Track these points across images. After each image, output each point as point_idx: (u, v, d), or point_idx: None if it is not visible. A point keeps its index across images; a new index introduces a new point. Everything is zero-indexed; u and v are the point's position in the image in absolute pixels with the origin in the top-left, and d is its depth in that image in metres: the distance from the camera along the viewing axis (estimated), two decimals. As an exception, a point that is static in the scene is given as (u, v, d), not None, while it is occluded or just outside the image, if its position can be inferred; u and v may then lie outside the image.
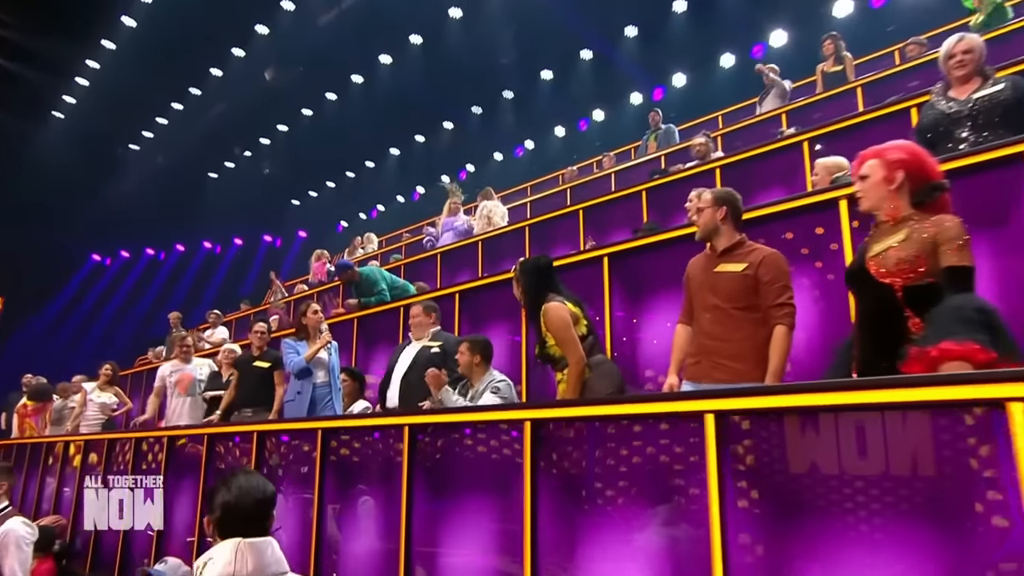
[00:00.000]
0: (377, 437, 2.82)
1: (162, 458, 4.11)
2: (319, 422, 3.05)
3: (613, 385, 2.72)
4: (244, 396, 4.57)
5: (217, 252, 19.31)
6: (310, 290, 9.12)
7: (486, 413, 2.20)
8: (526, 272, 2.82)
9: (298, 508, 3.23)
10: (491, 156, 16.69)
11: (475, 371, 3.37)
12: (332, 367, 4.16)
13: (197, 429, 4.32)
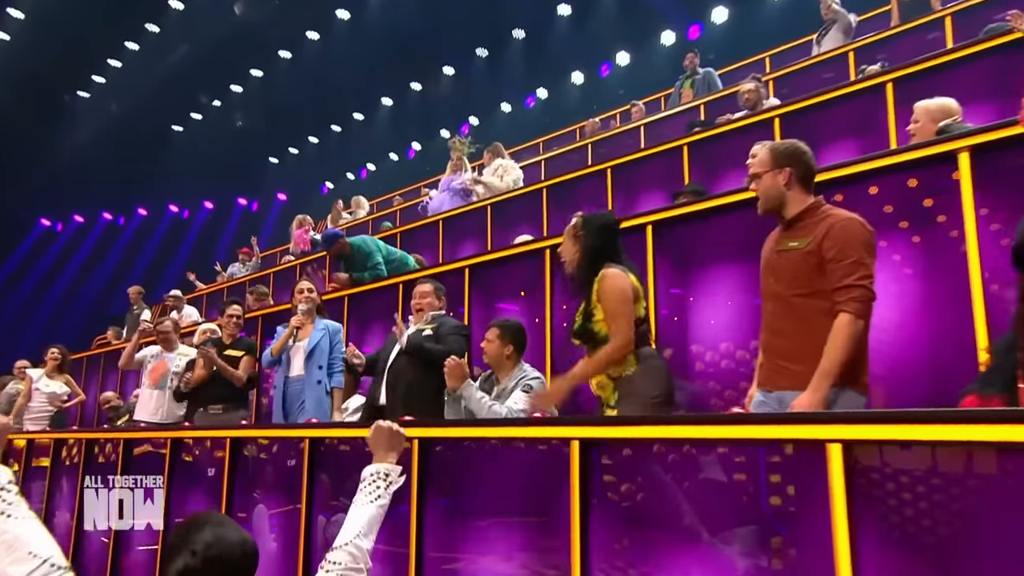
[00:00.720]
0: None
1: (117, 461, 4.00)
2: (306, 430, 2.86)
3: (661, 387, 2.53)
4: (214, 390, 4.42)
5: (185, 217, 19.20)
6: (295, 261, 8.98)
7: (519, 428, 2.00)
8: (591, 228, 2.60)
9: (280, 524, 3.11)
10: (498, 107, 16.40)
11: (504, 364, 3.19)
12: (316, 356, 3.94)
13: (160, 432, 4.19)
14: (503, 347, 3.18)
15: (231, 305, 4.63)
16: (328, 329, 4.09)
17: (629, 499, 1.80)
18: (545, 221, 6.45)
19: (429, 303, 3.66)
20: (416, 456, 2.32)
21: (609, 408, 2.54)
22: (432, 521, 2.27)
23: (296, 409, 3.88)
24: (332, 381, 3.97)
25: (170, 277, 17.04)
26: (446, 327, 3.59)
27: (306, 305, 4.04)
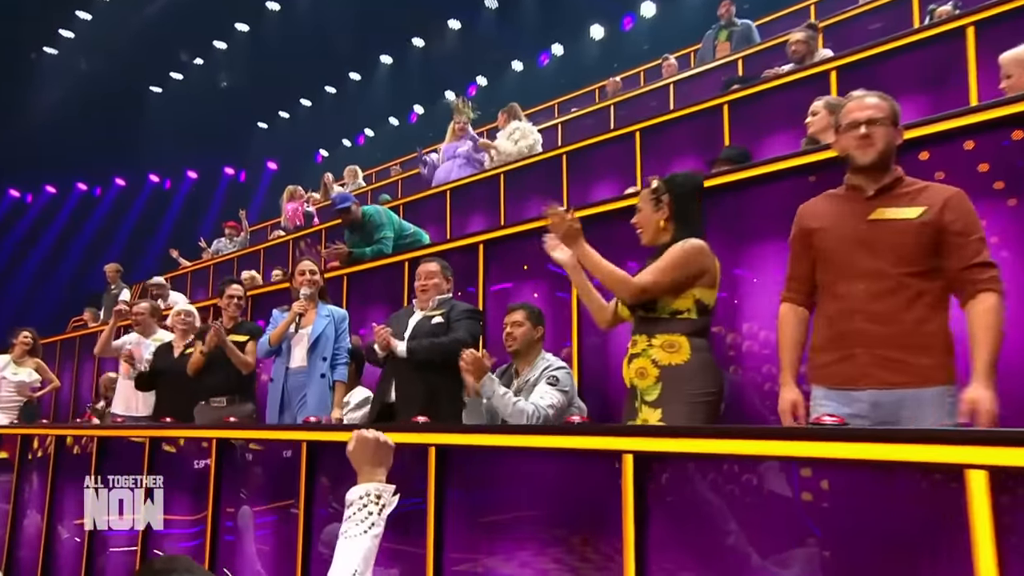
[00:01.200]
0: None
1: (91, 459, 3.90)
2: (304, 432, 2.71)
3: (714, 383, 2.39)
4: (215, 382, 4.28)
5: (167, 188, 19.19)
6: (286, 236, 8.90)
7: (562, 436, 1.83)
8: (680, 192, 2.46)
9: (271, 530, 3.00)
10: (509, 66, 16.19)
11: (532, 351, 3.09)
12: (320, 347, 3.80)
13: (139, 430, 4.07)
14: (534, 329, 3.07)
15: (230, 284, 4.48)
16: (333, 316, 3.96)
17: (694, 524, 1.62)
18: (565, 191, 6.32)
19: (436, 285, 3.54)
20: (433, 466, 2.17)
21: (647, 405, 2.38)
22: (453, 543, 2.11)
23: (296, 403, 3.77)
24: (336, 374, 3.86)
25: (151, 253, 17.02)
26: (457, 312, 3.45)
27: (309, 289, 3.89)
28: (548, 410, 2.80)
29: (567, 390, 2.91)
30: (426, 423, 2.28)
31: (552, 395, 2.85)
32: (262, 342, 3.89)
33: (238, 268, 9.03)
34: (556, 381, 2.91)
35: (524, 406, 2.78)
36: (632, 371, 2.45)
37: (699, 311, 2.44)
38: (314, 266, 4.01)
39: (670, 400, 2.34)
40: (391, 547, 2.35)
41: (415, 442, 2.23)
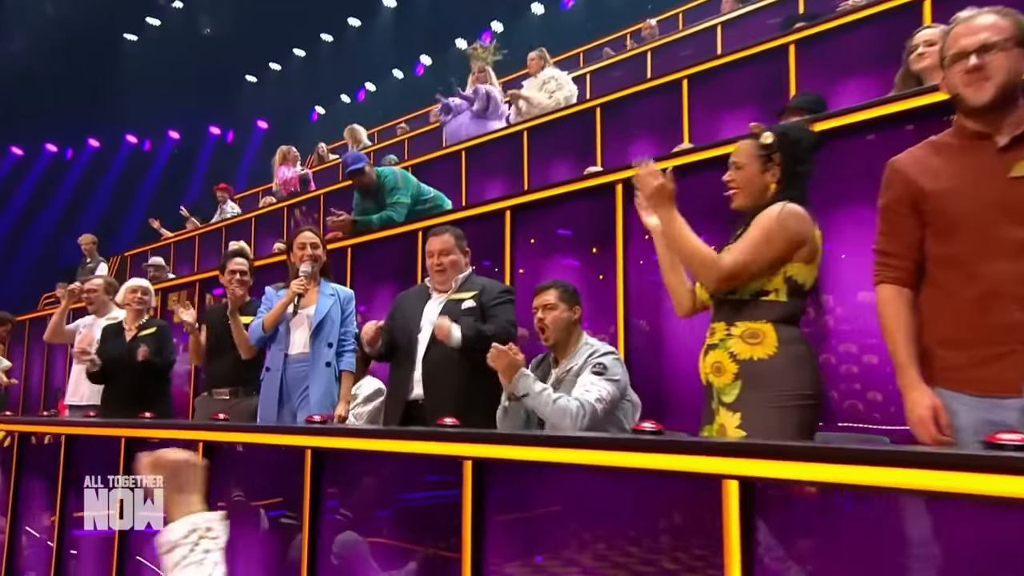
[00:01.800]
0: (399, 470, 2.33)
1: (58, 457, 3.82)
2: (309, 437, 2.52)
3: (809, 383, 2.15)
4: (220, 370, 4.15)
5: (146, 149, 19.14)
6: (278, 203, 8.84)
7: (637, 453, 1.61)
8: (795, 147, 2.25)
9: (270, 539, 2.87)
10: (528, 9, 15.94)
11: (571, 336, 2.88)
12: (325, 331, 3.63)
13: (49, 426, 3.99)
14: (570, 311, 2.86)
15: (233, 258, 4.26)
16: (338, 296, 3.76)
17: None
18: (599, 150, 6.15)
19: (453, 262, 3.33)
20: (470, 484, 1.96)
21: (724, 407, 2.17)
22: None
23: (297, 397, 3.60)
24: (343, 363, 3.67)
25: (130, 223, 17.00)
26: (491, 293, 3.25)
27: (311, 265, 3.69)
28: (596, 405, 2.59)
29: (617, 379, 2.70)
30: (462, 431, 2.06)
31: (600, 386, 2.64)
32: (254, 327, 3.70)
33: (226, 239, 8.94)
34: (603, 369, 2.69)
35: (566, 403, 2.57)
36: (708, 366, 2.23)
37: (790, 292, 2.20)
38: (316, 238, 3.81)
39: (751, 402, 2.12)
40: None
41: (446, 453, 2.02)
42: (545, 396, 2.60)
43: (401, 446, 2.19)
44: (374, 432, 2.39)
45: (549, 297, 2.87)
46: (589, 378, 2.67)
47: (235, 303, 3.91)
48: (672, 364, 3.48)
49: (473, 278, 3.37)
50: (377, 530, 2.45)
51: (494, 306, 3.18)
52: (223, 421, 3.20)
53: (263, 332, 3.64)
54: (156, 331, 4.53)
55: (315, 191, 8.73)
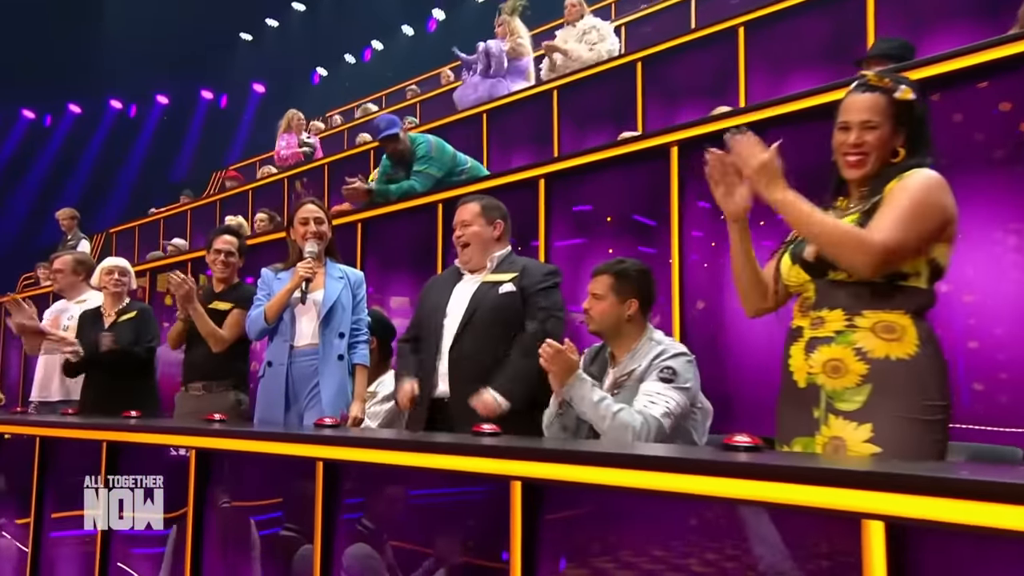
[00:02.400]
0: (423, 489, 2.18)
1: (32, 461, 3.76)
2: (322, 448, 2.38)
3: (946, 389, 1.93)
4: (192, 362, 4.03)
5: (132, 115, 19.08)
6: (279, 174, 8.84)
7: (739, 480, 1.40)
8: (922, 103, 2.07)
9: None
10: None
11: (624, 332, 2.67)
12: (336, 319, 3.49)
13: (23, 427, 3.93)
14: (621, 305, 2.66)
15: (220, 235, 4.13)
16: (348, 278, 3.60)
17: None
18: (640, 112, 6.00)
19: (475, 234, 3.16)
20: (519, 509, 1.78)
21: (841, 417, 1.89)
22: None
23: (306, 396, 3.45)
24: (356, 355, 3.52)
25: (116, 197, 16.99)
26: (534, 276, 3.07)
27: (316, 244, 3.52)
28: (663, 421, 2.40)
29: (688, 386, 2.50)
30: (510, 445, 1.87)
31: (667, 397, 2.45)
32: (254, 317, 3.54)
33: (221, 214, 8.94)
34: (673, 375, 2.49)
35: (628, 418, 2.38)
36: (817, 363, 1.96)
37: (931, 277, 1.97)
38: (320, 211, 3.64)
39: (883, 413, 1.86)
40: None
41: (490, 472, 1.83)
42: (604, 407, 2.42)
43: (432, 461, 2.01)
44: (400, 443, 2.20)
45: (599, 286, 2.68)
46: (655, 386, 2.48)
47: (186, 295, 3.77)
48: (737, 359, 3.34)
49: (514, 257, 3.21)
50: (398, 538, 2.36)
51: (537, 292, 3.01)
52: (219, 424, 3.05)
53: (265, 324, 3.47)
54: (136, 315, 4.43)
55: (320, 159, 8.61)
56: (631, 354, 2.63)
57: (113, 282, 4.50)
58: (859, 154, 2.03)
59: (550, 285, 3.04)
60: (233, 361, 3.99)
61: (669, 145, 3.58)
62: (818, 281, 2.01)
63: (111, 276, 4.52)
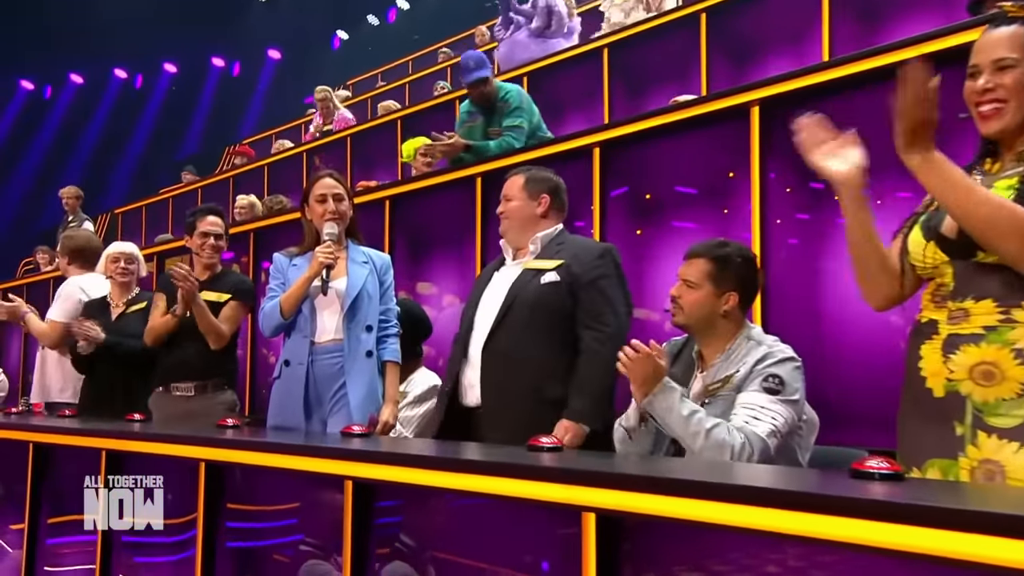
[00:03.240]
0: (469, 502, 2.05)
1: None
2: (351, 463, 2.26)
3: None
4: (181, 360, 3.97)
5: (138, 86, 19.20)
6: (295, 148, 9.02)
7: (893, 524, 1.23)
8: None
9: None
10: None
11: (719, 329, 2.49)
12: (362, 310, 3.38)
13: (14, 431, 3.92)
14: (718, 297, 2.47)
15: (205, 216, 4.05)
16: (373, 263, 3.47)
17: None
18: (704, 72, 5.93)
19: (516, 209, 3.06)
20: (593, 546, 1.63)
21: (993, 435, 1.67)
22: None
23: (331, 401, 3.35)
24: (386, 351, 3.42)
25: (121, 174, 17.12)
26: (587, 262, 2.92)
27: (336, 225, 3.41)
28: (768, 441, 2.20)
29: (796, 398, 2.30)
30: (578, 469, 1.70)
31: (774, 413, 2.25)
32: (269, 311, 3.43)
33: (234, 192, 8.98)
34: (779, 385, 2.29)
35: (726, 437, 2.19)
36: (962, 367, 1.73)
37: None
38: (340, 187, 3.52)
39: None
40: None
41: (556, 501, 1.66)
42: (695, 422, 2.22)
43: (484, 484, 1.85)
44: (446, 463, 2.05)
45: (693, 272, 2.48)
46: (758, 397, 2.29)
47: (191, 290, 3.73)
48: (834, 358, 3.17)
49: (564, 238, 3.07)
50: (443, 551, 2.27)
51: (592, 284, 2.86)
52: (233, 431, 3.00)
53: (282, 318, 3.35)
54: (146, 306, 4.39)
55: (339, 132, 8.58)
56: (724, 355, 2.44)
57: (120, 270, 4.48)
58: (994, 101, 1.80)
59: (605, 274, 2.89)
60: (226, 357, 4.00)
61: (749, 105, 3.43)
62: (959, 264, 1.78)
63: (117, 264, 4.49)
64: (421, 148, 5.72)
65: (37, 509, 3.74)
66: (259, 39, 18.77)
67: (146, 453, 3.22)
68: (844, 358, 3.17)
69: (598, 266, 2.89)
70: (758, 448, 2.16)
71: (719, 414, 2.31)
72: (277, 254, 3.59)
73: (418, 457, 2.15)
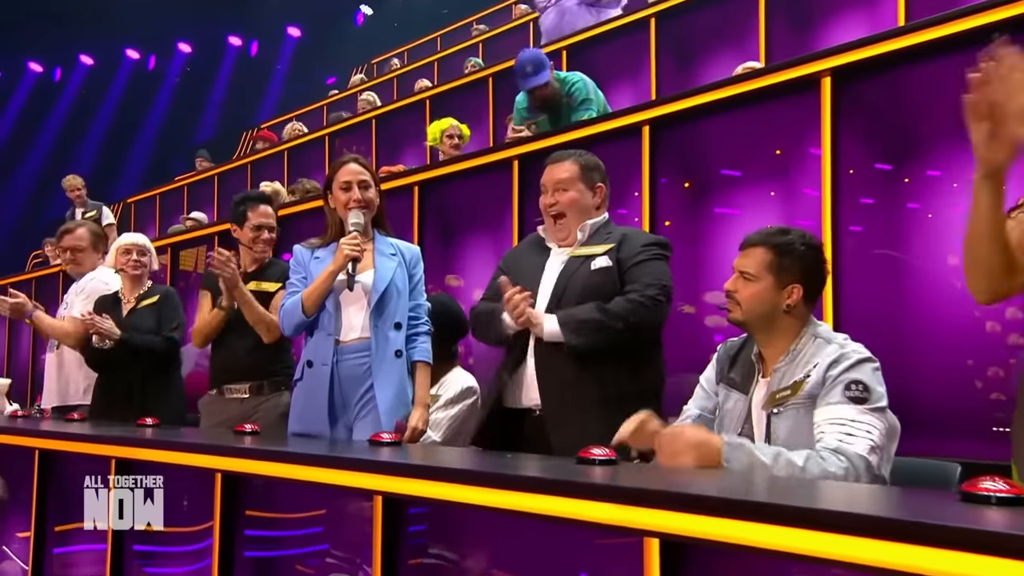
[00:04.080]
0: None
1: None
2: (381, 477, 2.21)
3: None
4: (231, 358, 3.97)
5: (151, 68, 19.36)
6: (315, 132, 9.08)
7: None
8: None
9: None
10: None
11: (782, 324, 2.38)
12: (390, 306, 3.35)
13: (19, 437, 3.93)
14: (779, 291, 2.36)
15: (257, 205, 4.07)
16: (402, 255, 3.44)
17: None
18: (762, 40, 5.89)
19: (573, 201, 3.00)
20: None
21: None
22: None
23: (356, 404, 3.31)
24: (416, 351, 3.38)
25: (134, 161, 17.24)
26: (633, 245, 2.90)
27: (361, 215, 3.37)
28: (870, 459, 2.08)
29: (884, 405, 2.18)
30: (637, 487, 1.60)
31: (868, 426, 2.12)
32: (289, 309, 3.39)
33: (253, 179, 9.05)
34: (864, 392, 2.16)
35: (825, 466, 2.05)
36: None
37: None
38: (366, 173, 3.48)
39: None
40: None
41: (612, 523, 1.59)
42: (784, 464, 2.08)
43: (529, 503, 1.76)
44: (485, 477, 1.96)
45: (751, 263, 2.37)
46: (845, 410, 2.15)
47: (232, 278, 3.72)
48: (914, 357, 3.09)
49: (612, 227, 3.04)
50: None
51: (637, 264, 2.84)
52: (250, 439, 2.99)
53: (304, 316, 3.31)
54: (159, 300, 4.44)
55: (365, 113, 8.56)
56: (788, 357, 2.32)
57: (132, 263, 4.50)
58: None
59: (652, 256, 2.86)
60: (282, 354, 3.98)
61: (820, 75, 3.35)
62: None
63: (128, 256, 4.51)
64: (448, 130, 5.68)
65: (44, 517, 3.77)
66: (278, 16, 18.76)
67: (158, 462, 3.20)
68: (925, 358, 3.09)
69: (647, 250, 2.89)
70: (863, 469, 2.03)
71: (792, 426, 2.21)
72: (297, 246, 3.57)
73: (454, 471, 2.07)
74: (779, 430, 2.25)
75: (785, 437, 2.23)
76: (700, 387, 2.58)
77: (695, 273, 3.74)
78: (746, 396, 2.38)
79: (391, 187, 5.02)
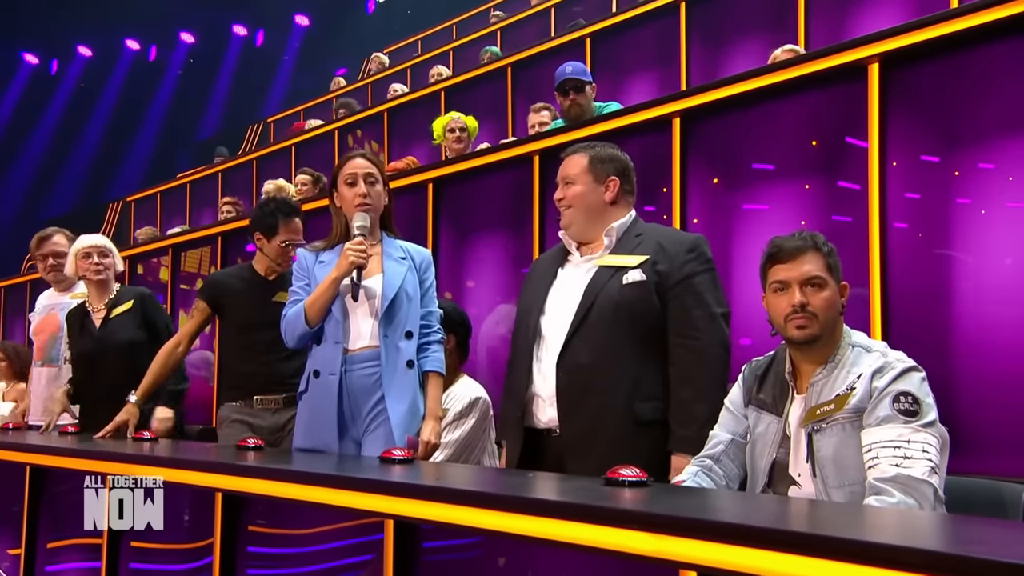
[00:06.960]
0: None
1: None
2: (394, 500, 2.17)
3: None
4: (262, 367, 3.94)
5: (152, 59, 19.50)
6: (326, 126, 9.15)
7: None
8: None
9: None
10: None
11: (837, 329, 2.33)
12: (401, 313, 3.33)
13: (10, 452, 3.97)
14: (841, 294, 2.34)
15: (291, 218, 4.03)
16: (412, 259, 3.42)
17: None
18: (802, 21, 5.89)
19: (579, 196, 2.99)
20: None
21: None
22: None
23: (366, 417, 3.29)
24: (428, 361, 3.37)
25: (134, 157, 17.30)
26: (673, 255, 2.83)
27: (367, 217, 3.36)
28: (932, 482, 2.02)
29: (934, 417, 2.12)
30: (677, 515, 1.56)
31: (924, 444, 2.06)
32: (292, 318, 3.38)
33: (259, 176, 9.12)
34: (915, 405, 2.11)
35: (888, 499, 2.01)
36: None
37: None
38: (373, 168, 3.45)
39: None
40: None
41: (650, 555, 1.54)
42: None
43: (553, 530, 1.73)
44: (512, 502, 1.92)
45: (814, 268, 2.29)
46: (898, 430, 2.10)
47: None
48: (968, 366, 3.03)
49: (641, 227, 2.98)
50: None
51: (681, 282, 2.77)
52: (253, 456, 2.99)
53: (307, 326, 3.27)
54: (133, 305, 4.40)
55: (375, 107, 8.60)
56: (826, 369, 2.26)
57: (93, 267, 4.43)
58: None
59: (698, 270, 2.78)
60: (302, 363, 3.92)
61: (866, 61, 3.29)
62: None
63: (89, 260, 4.44)
64: (449, 124, 5.65)
65: (35, 533, 3.78)
66: (285, 4, 18.89)
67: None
68: (979, 366, 3.03)
69: (688, 261, 2.80)
70: (928, 496, 1.98)
71: (837, 443, 2.15)
72: (301, 250, 3.55)
73: (471, 494, 2.03)
74: (823, 448, 2.19)
75: (830, 455, 2.17)
76: (726, 410, 2.53)
77: (728, 278, 3.66)
78: (780, 417, 2.33)
79: (403, 184, 5.04)
